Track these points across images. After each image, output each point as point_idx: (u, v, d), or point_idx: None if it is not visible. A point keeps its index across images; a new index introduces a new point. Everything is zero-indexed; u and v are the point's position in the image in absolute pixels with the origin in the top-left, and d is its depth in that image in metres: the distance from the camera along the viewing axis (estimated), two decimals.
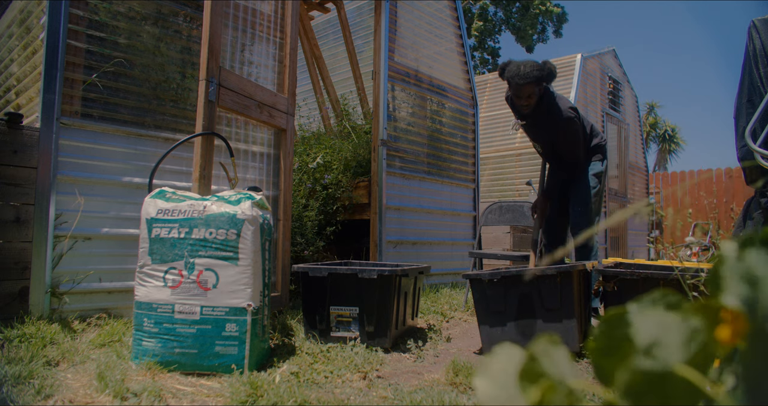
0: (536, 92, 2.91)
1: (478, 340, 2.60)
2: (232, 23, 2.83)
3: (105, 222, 2.70)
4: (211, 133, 2.38)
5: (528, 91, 2.88)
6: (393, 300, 2.46)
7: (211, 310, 1.89)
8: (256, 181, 3.06)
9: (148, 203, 2.02)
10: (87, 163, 2.67)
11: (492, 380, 0.35)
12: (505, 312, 2.38)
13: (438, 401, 1.65)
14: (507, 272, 2.41)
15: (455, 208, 5.13)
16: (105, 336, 2.24)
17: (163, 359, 1.87)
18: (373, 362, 2.15)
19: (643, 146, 9.85)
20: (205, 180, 2.34)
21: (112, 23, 2.76)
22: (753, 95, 2.78)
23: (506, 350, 0.37)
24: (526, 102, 2.93)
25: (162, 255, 1.93)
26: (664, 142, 31.11)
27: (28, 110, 2.76)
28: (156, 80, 2.91)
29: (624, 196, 8.75)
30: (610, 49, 8.70)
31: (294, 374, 1.92)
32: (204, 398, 1.65)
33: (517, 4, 19.33)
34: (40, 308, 2.42)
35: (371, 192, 4.32)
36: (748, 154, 2.67)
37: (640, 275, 2.36)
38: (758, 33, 2.78)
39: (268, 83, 3.12)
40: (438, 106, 5.08)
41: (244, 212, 1.95)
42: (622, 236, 8.71)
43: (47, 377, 1.69)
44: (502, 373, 0.35)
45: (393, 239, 4.36)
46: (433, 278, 4.70)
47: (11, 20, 3.28)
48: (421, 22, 4.94)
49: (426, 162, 4.82)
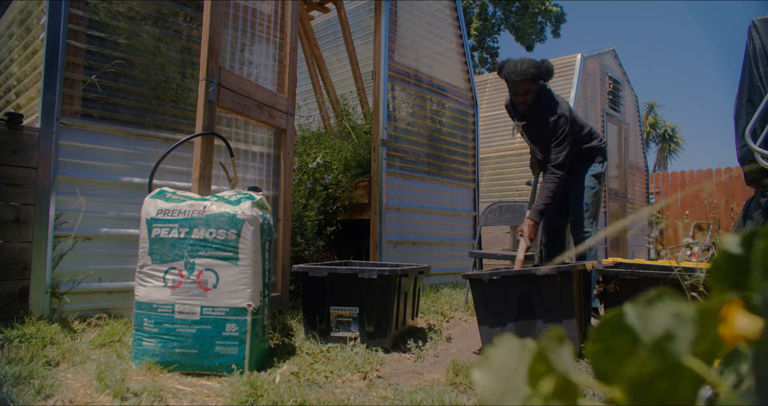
0: (533, 89, 2.93)
1: (478, 340, 2.60)
2: (232, 23, 2.83)
3: (105, 222, 2.70)
4: (211, 133, 2.38)
5: (525, 87, 2.91)
6: (393, 300, 2.46)
7: (211, 310, 1.89)
8: (256, 181, 3.06)
9: (148, 203, 2.02)
10: (87, 163, 2.67)
11: (493, 373, 0.35)
12: (505, 312, 2.38)
13: (438, 401, 1.65)
14: (507, 272, 2.41)
15: (455, 208, 5.13)
16: (105, 336, 2.24)
17: (163, 359, 1.86)
18: (373, 362, 2.15)
19: (643, 146, 9.86)
20: (205, 180, 2.34)
21: (112, 23, 2.76)
22: (753, 95, 2.78)
23: (506, 343, 0.37)
24: (523, 99, 2.96)
25: (162, 255, 1.93)
26: (664, 142, 31.13)
27: (28, 110, 2.76)
28: (156, 80, 2.91)
29: (624, 196, 8.75)
30: (610, 49, 8.70)
31: (294, 374, 1.92)
32: (204, 398, 1.64)
33: (516, 4, 19.31)
34: (40, 308, 2.42)
35: (371, 192, 4.32)
36: (748, 154, 2.67)
37: (640, 275, 2.36)
38: (758, 33, 2.78)
39: (268, 83, 3.12)
40: (438, 106, 5.08)
41: (244, 212, 1.95)
42: (621, 236, 8.71)
43: (47, 377, 1.69)
44: (503, 366, 0.35)
45: (393, 239, 4.36)
46: (433, 278, 4.70)
47: (11, 20, 3.28)
48: (421, 22, 4.94)
49: (426, 162, 4.82)
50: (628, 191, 8.89)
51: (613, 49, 8.78)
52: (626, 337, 0.33)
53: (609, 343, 0.33)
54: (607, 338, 0.33)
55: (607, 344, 0.33)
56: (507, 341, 0.37)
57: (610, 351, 0.33)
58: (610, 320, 0.33)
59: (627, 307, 0.34)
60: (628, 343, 0.32)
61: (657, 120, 31.29)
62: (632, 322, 0.33)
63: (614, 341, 0.33)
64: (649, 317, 0.33)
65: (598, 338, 0.33)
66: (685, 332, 0.31)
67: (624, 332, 0.33)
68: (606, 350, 0.33)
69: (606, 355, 0.33)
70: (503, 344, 0.37)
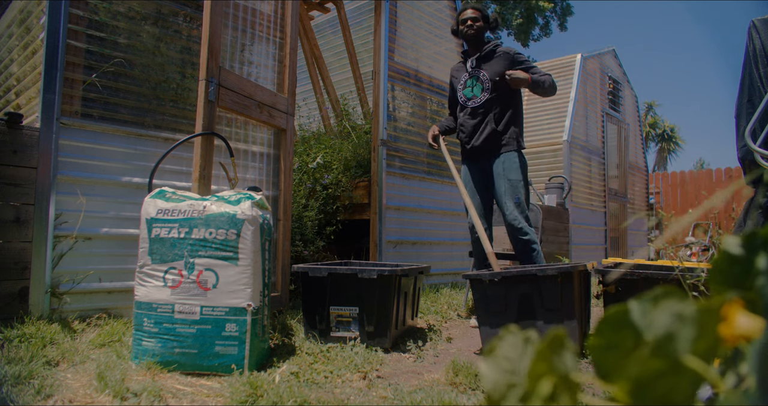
0: None
1: (478, 340, 2.60)
2: (232, 23, 2.83)
3: (105, 222, 2.70)
4: (211, 133, 2.38)
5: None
6: (393, 300, 2.46)
7: (211, 310, 1.89)
8: (256, 181, 3.06)
9: (148, 202, 2.02)
10: (87, 163, 2.67)
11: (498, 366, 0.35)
12: (506, 312, 2.38)
13: (438, 401, 1.65)
14: (507, 272, 2.41)
15: (455, 208, 5.13)
16: (105, 336, 2.24)
17: (163, 359, 1.86)
18: (373, 362, 2.15)
19: (643, 146, 9.86)
20: (205, 180, 2.34)
21: (112, 23, 2.76)
22: (753, 95, 2.78)
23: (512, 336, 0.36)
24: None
25: (162, 255, 1.93)
26: (664, 142, 31.13)
27: (28, 110, 2.76)
28: (156, 80, 2.91)
29: (624, 196, 8.75)
30: (610, 49, 8.70)
31: (294, 374, 1.92)
32: (204, 398, 1.64)
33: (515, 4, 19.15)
34: (40, 308, 2.42)
35: (371, 192, 4.32)
36: (748, 153, 2.67)
37: (639, 275, 2.36)
38: (758, 33, 2.78)
39: (268, 83, 3.12)
40: (438, 106, 5.08)
41: (244, 212, 1.95)
42: (621, 236, 8.71)
43: (47, 377, 1.69)
44: (508, 360, 0.35)
45: (393, 239, 4.36)
46: (433, 278, 4.70)
47: (11, 20, 3.28)
48: (421, 22, 4.94)
49: (426, 162, 4.82)
50: (627, 191, 8.89)
51: (613, 49, 8.78)
52: (629, 333, 0.32)
53: (611, 338, 0.33)
54: (610, 334, 0.33)
55: (610, 340, 0.33)
56: (512, 334, 0.37)
57: (612, 347, 0.33)
58: (613, 316, 0.33)
59: (632, 303, 0.33)
60: (630, 339, 0.32)
61: (656, 120, 31.30)
62: (636, 319, 0.33)
63: (617, 336, 0.33)
64: (653, 316, 0.32)
65: (601, 333, 0.33)
66: (685, 332, 0.31)
67: (627, 328, 0.33)
68: (608, 345, 0.33)
69: (608, 351, 0.33)
70: (508, 337, 0.37)
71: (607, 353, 0.33)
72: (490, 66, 3.14)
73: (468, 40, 3.23)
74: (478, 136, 3.14)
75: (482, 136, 3.12)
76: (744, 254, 0.36)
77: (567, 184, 6.83)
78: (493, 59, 3.15)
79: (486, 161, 3.16)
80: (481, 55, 3.19)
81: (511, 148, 3.09)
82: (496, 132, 3.09)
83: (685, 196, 11.86)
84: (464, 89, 3.23)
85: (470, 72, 3.21)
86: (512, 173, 3.04)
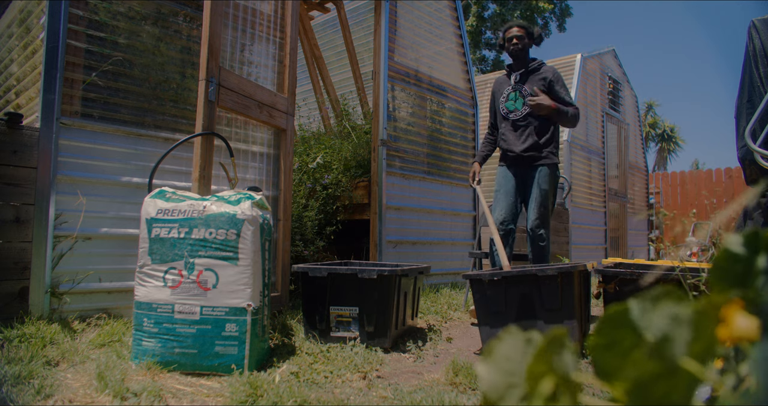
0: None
1: (478, 340, 2.60)
2: (232, 23, 2.83)
3: (105, 222, 2.70)
4: (211, 133, 2.38)
5: None
6: (393, 300, 2.46)
7: (210, 310, 1.89)
8: (256, 181, 3.06)
9: (148, 202, 2.02)
10: (87, 163, 2.66)
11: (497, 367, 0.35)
12: (506, 312, 2.38)
13: (438, 401, 1.65)
14: (507, 272, 2.41)
15: (455, 208, 5.13)
16: (105, 336, 2.24)
17: (163, 359, 1.86)
18: (373, 362, 2.15)
19: (643, 146, 9.86)
20: (204, 180, 2.34)
21: (111, 23, 2.76)
22: (753, 95, 2.78)
23: (511, 337, 0.36)
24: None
25: (162, 255, 1.93)
26: (663, 142, 31.13)
27: (28, 110, 2.76)
28: (156, 80, 2.91)
29: (624, 196, 8.75)
30: (610, 49, 8.70)
31: (294, 374, 1.92)
32: (204, 398, 1.64)
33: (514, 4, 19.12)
34: (39, 308, 2.42)
35: (371, 192, 4.32)
36: (748, 153, 2.67)
37: (639, 275, 2.36)
38: (758, 33, 2.78)
39: (267, 83, 3.12)
40: (438, 106, 5.08)
41: (243, 212, 1.95)
42: (622, 235, 8.71)
43: (47, 377, 1.69)
44: (507, 360, 0.35)
45: (393, 239, 4.36)
46: (433, 278, 4.70)
47: (11, 20, 3.28)
48: (421, 22, 4.94)
49: (426, 162, 4.82)
50: (627, 191, 8.89)
51: (613, 49, 8.78)
52: (629, 332, 0.32)
53: (611, 337, 0.33)
54: (610, 333, 0.33)
55: (610, 339, 0.33)
56: (512, 335, 0.37)
57: (611, 346, 0.33)
58: (614, 315, 0.33)
59: (632, 303, 0.33)
60: (630, 339, 0.32)
61: (656, 120, 31.30)
62: (636, 318, 0.33)
63: (617, 335, 0.33)
64: (652, 316, 0.32)
65: (601, 332, 0.33)
66: (681, 334, 0.31)
67: (627, 327, 0.33)
68: (608, 344, 0.33)
69: (607, 350, 0.33)
70: (508, 338, 0.37)
71: (607, 353, 0.33)
72: (532, 83, 3.36)
73: (513, 56, 3.45)
74: (518, 146, 3.34)
75: (522, 147, 3.32)
76: (745, 252, 0.36)
77: (567, 184, 6.83)
78: (536, 76, 3.37)
79: (523, 170, 3.36)
80: (526, 71, 3.40)
81: (549, 161, 3.30)
82: (537, 145, 3.30)
83: (685, 196, 11.87)
84: (506, 102, 3.44)
85: (513, 86, 3.43)
86: (545, 184, 3.27)
